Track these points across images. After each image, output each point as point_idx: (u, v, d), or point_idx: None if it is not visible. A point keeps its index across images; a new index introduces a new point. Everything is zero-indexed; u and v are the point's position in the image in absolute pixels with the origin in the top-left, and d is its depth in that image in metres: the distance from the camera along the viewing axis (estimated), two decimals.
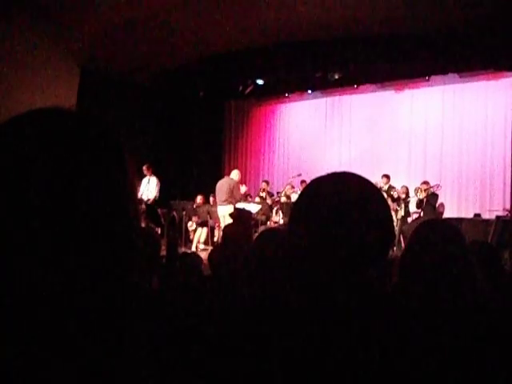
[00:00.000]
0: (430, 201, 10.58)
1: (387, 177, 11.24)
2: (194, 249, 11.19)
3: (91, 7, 9.39)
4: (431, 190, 10.70)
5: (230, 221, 9.07)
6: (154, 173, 11.56)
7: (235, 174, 10.76)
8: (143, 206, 10.06)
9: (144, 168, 11.29)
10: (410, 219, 10.96)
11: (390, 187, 11.06)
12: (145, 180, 11.36)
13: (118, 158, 0.65)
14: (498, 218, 8.77)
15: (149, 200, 11.20)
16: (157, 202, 11.23)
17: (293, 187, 12.24)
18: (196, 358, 0.88)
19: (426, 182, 10.85)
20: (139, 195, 10.63)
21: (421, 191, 10.63)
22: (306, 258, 1.00)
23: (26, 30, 9.79)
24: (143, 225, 8.56)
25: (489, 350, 1.31)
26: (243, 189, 12.23)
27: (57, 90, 10.41)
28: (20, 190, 0.57)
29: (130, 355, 0.62)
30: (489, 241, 7.58)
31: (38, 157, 0.58)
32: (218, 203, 10.63)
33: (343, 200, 1.00)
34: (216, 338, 1.04)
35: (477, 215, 10.61)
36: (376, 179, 9.95)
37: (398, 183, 11.34)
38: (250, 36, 10.94)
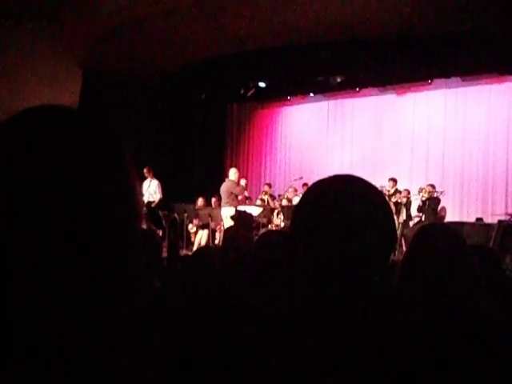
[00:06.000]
0: (430, 204, 10.57)
1: (394, 180, 11.25)
2: None
3: (93, 9, 9.41)
4: (435, 193, 10.70)
5: (233, 223, 9.08)
6: (155, 175, 11.58)
7: (233, 174, 10.73)
8: (144, 209, 10.07)
9: (145, 170, 11.29)
10: (411, 223, 10.95)
11: (396, 191, 11.07)
12: (146, 182, 11.38)
13: (117, 157, 0.65)
14: (500, 222, 8.75)
15: (152, 202, 11.22)
16: (160, 203, 11.27)
17: (296, 190, 12.21)
18: (195, 358, 0.88)
19: (432, 185, 10.84)
20: None
21: (424, 192, 10.63)
22: (306, 261, 1.00)
23: (28, 32, 9.82)
24: (144, 227, 8.57)
25: (489, 354, 1.31)
26: (243, 182, 11.95)
27: (59, 92, 10.44)
28: (18, 188, 0.56)
29: (130, 355, 0.62)
30: (490, 245, 7.56)
31: (34, 154, 0.58)
32: (222, 205, 10.69)
33: (345, 203, 0.99)
34: (215, 340, 1.04)
35: (479, 219, 10.59)
36: (378, 183, 9.91)
37: (399, 187, 11.34)
38: (252, 39, 10.95)
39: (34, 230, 0.56)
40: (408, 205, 10.95)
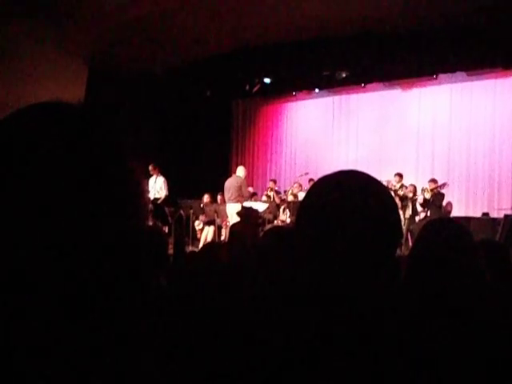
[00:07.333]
0: (435, 201, 10.53)
1: (400, 175, 11.24)
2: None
3: (98, 6, 9.42)
4: (438, 189, 10.66)
5: (238, 219, 9.08)
6: (161, 172, 11.60)
7: (241, 171, 10.76)
8: (150, 205, 10.09)
9: (150, 168, 11.32)
10: (417, 218, 10.92)
11: (402, 186, 11.05)
12: (151, 179, 11.41)
13: (120, 156, 0.64)
14: (506, 216, 8.73)
15: (158, 199, 11.26)
16: (166, 200, 11.30)
17: (300, 186, 12.22)
18: (200, 354, 0.89)
19: (433, 180, 10.80)
20: None
21: (427, 191, 10.61)
22: (311, 257, 1.00)
23: (33, 30, 9.84)
24: (150, 223, 8.59)
25: (497, 349, 1.31)
26: (249, 190, 12.29)
27: (64, 90, 10.44)
28: (17, 186, 0.56)
29: (137, 353, 0.62)
30: (497, 240, 7.54)
31: (35, 151, 0.57)
32: (226, 201, 10.66)
33: (350, 198, 0.99)
34: (220, 336, 1.04)
35: (485, 214, 10.56)
36: (384, 178, 9.89)
37: (405, 182, 11.32)
38: (256, 34, 10.94)
39: (33, 230, 0.55)
40: (414, 200, 10.92)
